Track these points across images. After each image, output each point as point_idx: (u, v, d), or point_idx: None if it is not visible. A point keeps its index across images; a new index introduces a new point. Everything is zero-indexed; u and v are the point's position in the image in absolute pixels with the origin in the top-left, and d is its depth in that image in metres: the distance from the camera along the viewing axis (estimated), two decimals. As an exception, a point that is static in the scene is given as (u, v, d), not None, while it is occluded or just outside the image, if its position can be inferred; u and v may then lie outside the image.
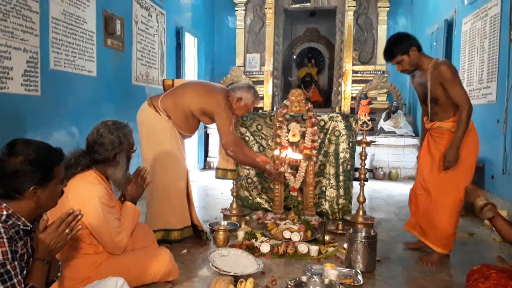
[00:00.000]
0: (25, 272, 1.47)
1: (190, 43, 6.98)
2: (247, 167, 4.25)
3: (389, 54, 2.85)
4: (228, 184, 4.29)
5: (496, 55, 4.10)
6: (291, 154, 3.64)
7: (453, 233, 2.83)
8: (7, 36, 2.79)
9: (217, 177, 3.58)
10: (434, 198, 2.83)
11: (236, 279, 2.29)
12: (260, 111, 7.21)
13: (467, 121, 2.67)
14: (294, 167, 3.75)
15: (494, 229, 2.01)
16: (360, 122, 3.74)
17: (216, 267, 2.46)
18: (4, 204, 1.45)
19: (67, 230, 1.54)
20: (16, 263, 1.38)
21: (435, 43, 6.05)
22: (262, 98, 7.74)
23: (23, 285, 1.38)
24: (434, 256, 2.87)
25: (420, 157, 3.06)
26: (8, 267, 1.34)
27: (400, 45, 2.79)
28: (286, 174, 3.66)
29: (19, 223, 1.45)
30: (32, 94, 3.06)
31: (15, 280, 1.35)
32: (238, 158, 3.26)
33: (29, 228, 1.50)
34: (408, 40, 2.81)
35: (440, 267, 2.83)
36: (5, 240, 1.35)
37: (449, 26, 5.66)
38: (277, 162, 3.65)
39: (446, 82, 2.68)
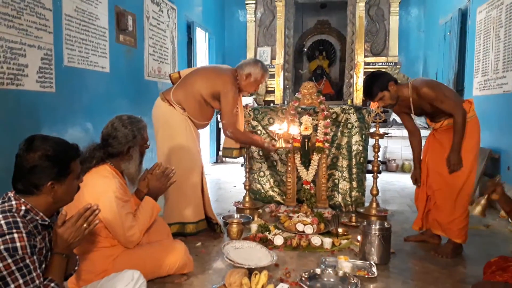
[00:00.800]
0: (43, 266, 1.50)
1: (201, 37, 6.98)
2: (259, 161, 4.26)
3: (369, 93, 2.93)
4: (241, 177, 4.31)
5: (512, 44, 4.02)
6: (287, 129, 3.55)
7: (468, 222, 2.85)
8: (22, 34, 2.83)
9: (223, 156, 3.57)
10: (451, 188, 2.81)
11: (250, 271, 2.31)
12: (272, 104, 7.20)
13: (463, 125, 2.72)
14: (291, 141, 3.73)
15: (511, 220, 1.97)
16: (373, 114, 3.71)
17: (230, 260, 2.48)
18: (23, 200, 1.48)
19: (85, 225, 1.58)
20: (34, 257, 1.40)
21: (449, 33, 5.95)
22: (273, 92, 7.72)
23: (42, 279, 1.41)
24: (449, 247, 2.86)
25: (428, 155, 3.04)
26: (27, 261, 1.37)
27: (378, 83, 2.87)
28: (282, 149, 3.60)
29: (37, 218, 1.48)
30: (47, 91, 3.11)
31: (34, 274, 1.38)
32: (238, 138, 3.25)
33: (47, 223, 1.53)
34: (385, 76, 2.90)
35: (456, 259, 2.80)
36: (24, 235, 1.38)
37: (463, 16, 5.56)
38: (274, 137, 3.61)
39: (433, 102, 2.77)
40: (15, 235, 1.36)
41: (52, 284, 1.45)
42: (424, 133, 2.91)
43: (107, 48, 3.93)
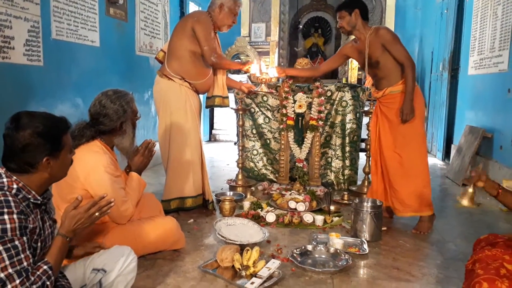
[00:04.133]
0: (39, 244, 1.47)
1: (194, 12, 6.83)
2: (253, 139, 4.23)
3: (338, 7, 3.05)
4: (234, 155, 4.29)
5: (510, 22, 3.96)
6: (266, 72, 3.44)
7: (430, 191, 2.92)
8: (7, 5, 2.73)
9: (207, 106, 3.43)
10: (406, 163, 2.87)
11: (242, 247, 2.31)
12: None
13: (413, 76, 2.79)
14: (272, 86, 3.70)
15: (502, 204, 1.96)
16: (367, 92, 3.68)
17: (222, 236, 2.48)
18: (15, 177, 1.44)
19: (97, 213, 1.57)
20: (24, 238, 1.37)
21: (446, 11, 5.87)
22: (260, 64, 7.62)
23: (30, 260, 1.38)
24: (424, 221, 2.90)
25: (375, 130, 3.06)
26: (16, 242, 1.34)
27: (348, 4, 2.98)
28: (263, 91, 3.55)
29: (29, 196, 1.45)
30: (35, 64, 3.03)
31: (22, 256, 1.35)
32: (222, 63, 3.18)
33: (39, 202, 1.49)
34: (356, 3, 2.98)
35: (446, 237, 2.83)
36: (15, 216, 1.34)
37: (461, -7, 5.47)
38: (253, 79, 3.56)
39: (387, 43, 2.82)
40: (6, 216, 1.32)
41: (45, 267, 1.42)
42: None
43: (97, 21, 3.82)
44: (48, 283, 1.40)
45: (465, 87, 5.16)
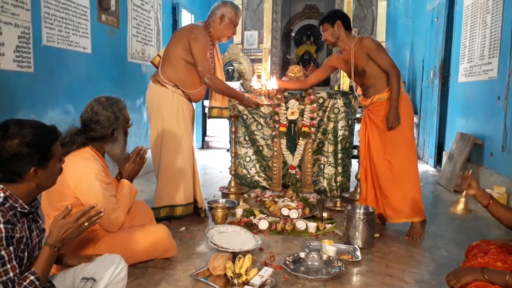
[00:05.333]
0: (25, 253, 1.45)
1: (187, 19, 6.83)
2: (245, 146, 4.22)
3: (320, 21, 3.10)
4: (226, 162, 4.27)
5: (499, 30, 4.02)
6: (267, 84, 3.44)
7: (421, 197, 2.94)
8: (-3, 10, 2.71)
9: (211, 117, 3.40)
10: (397, 169, 2.88)
11: (234, 255, 2.29)
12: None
13: (398, 83, 2.81)
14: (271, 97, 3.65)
15: (491, 215, 1.96)
16: (359, 99, 3.69)
17: (214, 244, 2.46)
18: (1, 186, 1.41)
19: (86, 223, 1.55)
20: (11, 248, 1.35)
21: (436, 19, 5.94)
22: (260, 77, 7.64)
23: (17, 271, 1.35)
24: (416, 227, 2.91)
25: (364, 138, 3.08)
26: (2, 252, 1.31)
27: (330, 16, 3.05)
28: (263, 104, 3.55)
29: (16, 205, 1.42)
30: (25, 71, 3.00)
31: (8, 266, 1.33)
32: (215, 85, 3.11)
33: (26, 211, 1.47)
34: (338, 14, 3.08)
35: (438, 243, 2.84)
36: (1, 226, 1.32)
37: (451, 1, 5.53)
38: (254, 93, 3.46)
39: (371, 52, 2.87)
40: None
41: (32, 277, 1.39)
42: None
43: (89, 28, 3.80)
44: None
45: (456, 94, 5.22)
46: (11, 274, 1.33)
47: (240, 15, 3.21)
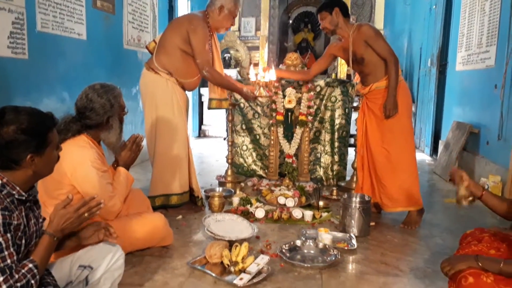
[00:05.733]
0: (23, 241, 1.45)
1: (183, 5, 6.76)
2: (242, 134, 4.21)
3: (318, 9, 3.08)
4: (223, 151, 4.27)
5: (497, 18, 4.00)
6: (265, 76, 3.36)
7: (418, 184, 2.95)
8: (-10, -4, 2.66)
9: (210, 108, 3.38)
10: (394, 158, 2.89)
11: (231, 243, 2.30)
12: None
13: (396, 71, 2.80)
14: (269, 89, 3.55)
15: (485, 205, 1.97)
16: (356, 88, 3.68)
17: (211, 232, 2.47)
18: None
19: (86, 214, 1.55)
20: (8, 235, 1.34)
21: (434, 7, 5.90)
22: (257, 65, 7.60)
23: (14, 258, 1.35)
24: (413, 216, 2.93)
25: (362, 126, 3.08)
26: (0, 239, 1.31)
27: (328, 3, 3.01)
28: (261, 98, 3.55)
29: (13, 192, 1.41)
30: (19, 57, 2.96)
31: (5, 253, 1.32)
32: (214, 78, 3.09)
33: (23, 198, 1.46)
34: (336, 1, 3.02)
35: (433, 232, 2.86)
36: None
37: (450, -11, 5.50)
38: (253, 86, 3.38)
39: (369, 39, 2.85)
40: None
41: (30, 265, 1.40)
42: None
43: (84, 13, 3.75)
44: (32, 281, 1.37)
45: (453, 82, 5.21)
46: (9, 261, 1.33)
47: (239, 6, 3.17)
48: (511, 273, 1.46)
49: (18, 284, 1.32)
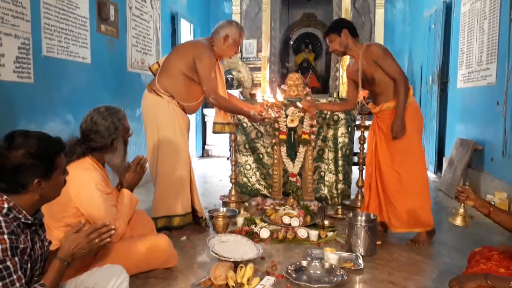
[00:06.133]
0: (28, 265, 1.44)
1: (186, 29, 6.88)
2: (245, 154, 4.21)
3: (326, 31, 3.05)
4: (227, 171, 4.27)
5: (496, 36, 4.04)
6: (272, 98, 3.44)
7: (430, 205, 2.91)
8: (-3, 22, 2.72)
9: (214, 132, 3.42)
10: (405, 180, 2.85)
11: (236, 264, 2.28)
12: (258, 97, 7.15)
13: (405, 91, 2.77)
14: (278, 110, 3.62)
15: (494, 222, 1.96)
16: (358, 106, 3.70)
17: (215, 253, 2.44)
18: (5, 197, 1.41)
19: (96, 240, 1.56)
20: (16, 258, 1.34)
21: (433, 26, 5.98)
22: (259, 85, 7.67)
23: (23, 281, 1.35)
24: (422, 236, 2.89)
25: (372, 146, 3.05)
26: (8, 263, 1.31)
27: (335, 26, 3.00)
28: (270, 119, 3.55)
29: (20, 216, 1.42)
30: (25, 81, 3.00)
31: (14, 277, 1.32)
32: (220, 104, 3.13)
33: (29, 222, 1.46)
34: (344, 23, 3.04)
35: (441, 250, 2.82)
36: (5, 237, 1.32)
37: (448, 8, 5.58)
38: (260, 107, 3.41)
39: (378, 59, 2.83)
40: None
41: None
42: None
43: (88, 38, 3.82)
44: None
45: (455, 100, 5.22)
46: (18, 284, 1.32)
47: (244, 36, 3.21)
48: None
49: None
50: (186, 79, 3.02)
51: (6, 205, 1.39)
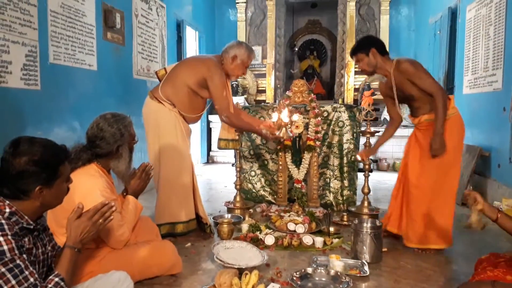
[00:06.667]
0: (37, 267, 1.45)
1: (191, 36, 6.92)
2: (250, 160, 4.21)
3: (352, 51, 2.94)
4: (232, 177, 4.27)
5: (502, 42, 4.03)
6: (286, 117, 3.44)
7: (451, 225, 2.82)
8: (5, 30, 2.75)
9: (219, 148, 3.51)
10: (431, 194, 2.76)
11: (240, 271, 2.27)
12: (263, 103, 7.17)
13: (443, 106, 2.64)
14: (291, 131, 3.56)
15: (502, 228, 1.94)
16: (364, 112, 3.70)
17: (220, 260, 2.44)
18: (7, 202, 1.42)
19: (100, 220, 1.58)
20: (24, 256, 1.36)
21: (438, 32, 5.97)
22: (264, 91, 7.68)
23: (36, 275, 1.36)
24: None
25: (408, 154, 2.97)
26: (18, 261, 1.32)
27: (362, 45, 2.88)
28: (285, 137, 3.49)
29: (22, 221, 1.43)
30: (32, 89, 3.03)
31: (26, 272, 1.33)
32: (233, 123, 3.16)
33: (31, 227, 1.47)
34: (370, 41, 2.91)
35: (447, 257, 2.79)
36: (10, 237, 1.33)
37: (453, 14, 5.58)
38: (273, 126, 3.40)
39: (412, 77, 2.71)
40: (1, 238, 1.31)
41: (56, 279, 1.41)
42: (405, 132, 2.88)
43: (95, 45, 3.86)
44: None
45: (461, 106, 5.15)
46: (32, 279, 1.34)
47: (253, 57, 3.22)
48: None
49: None
50: (191, 92, 3.04)
51: (8, 210, 1.40)
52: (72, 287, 1.76)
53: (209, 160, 7.49)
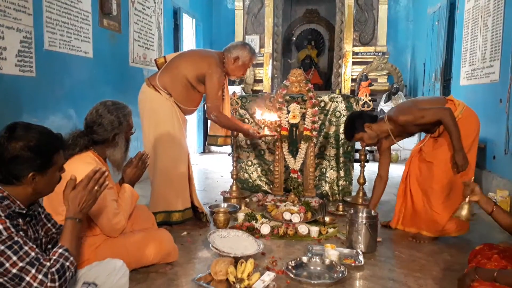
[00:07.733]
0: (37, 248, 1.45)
1: (188, 24, 6.86)
2: (247, 150, 4.21)
3: (347, 137, 3.04)
4: (228, 167, 4.27)
5: (500, 33, 4.02)
6: (268, 116, 3.46)
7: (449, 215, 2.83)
8: (0, 15, 2.72)
9: (209, 144, 3.56)
10: (450, 188, 2.79)
11: (236, 260, 2.28)
12: (260, 93, 7.15)
13: (454, 124, 2.65)
14: (273, 129, 3.59)
15: (496, 221, 1.95)
16: (361, 103, 3.69)
17: (216, 248, 2.45)
18: (0, 187, 1.42)
19: (96, 187, 1.58)
20: (21, 232, 1.36)
21: (437, 23, 5.95)
22: (261, 81, 7.65)
23: (37, 250, 1.36)
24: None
25: (420, 153, 2.99)
26: (16, 238, 1.33)
27: (354, 126, 2.94)
28: (267, 136, 3.61)
29: (14, 205, 1.43)
30: (27, 75, 3.00)
31: (26, 247, 1.34)
32: (221, 122, 3.15)
33: (24, 211, 1.47)
34: (360, 119, 2.93)
35: (441, 247, 2.82)
36: (3, 218, 1.33)
37: (452, 5, 5.55)
38: (258, 125, 3.46)
39: (415, 122, 2.77)
40: None
41: (60, 250, 1.41)
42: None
43: (90, 32, 3.81)
44: (67, 263, 1.40)
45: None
46: (33, 253, 1.34)
47: (255, 59, 3.22)
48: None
49: (53, 269, 1.35)
50: (188, 85, 3.02)
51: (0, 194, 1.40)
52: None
53: (206, 149, 7.49)
